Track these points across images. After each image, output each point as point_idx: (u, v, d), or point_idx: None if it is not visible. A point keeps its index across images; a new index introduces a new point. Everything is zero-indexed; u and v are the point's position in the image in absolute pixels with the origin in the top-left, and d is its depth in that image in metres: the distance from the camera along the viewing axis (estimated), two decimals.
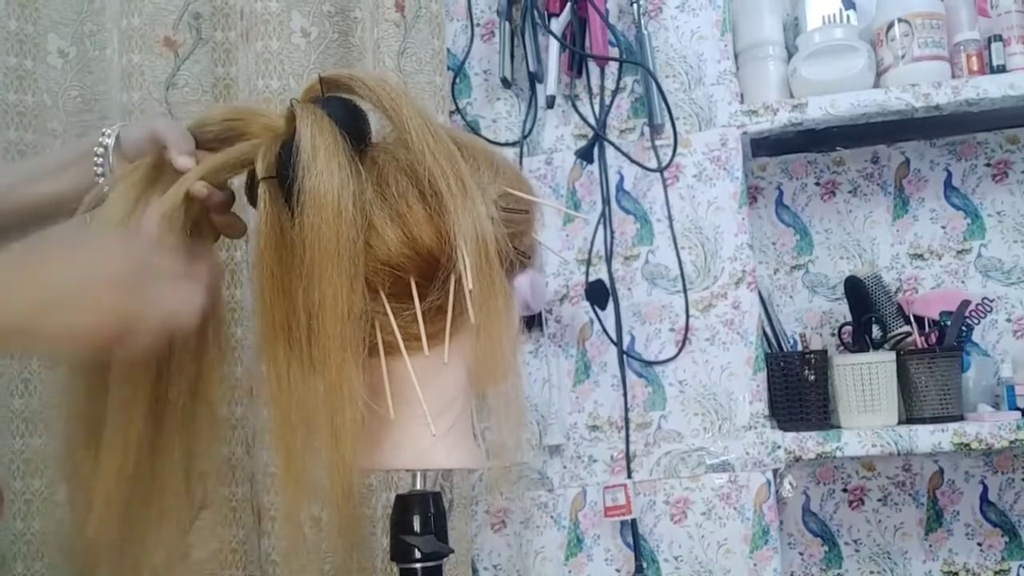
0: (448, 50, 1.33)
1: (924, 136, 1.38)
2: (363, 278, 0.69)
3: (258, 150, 0.72)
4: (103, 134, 0.80)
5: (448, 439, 0.74)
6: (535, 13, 1.27)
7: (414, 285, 0.71)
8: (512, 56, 1.30)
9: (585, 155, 1.28)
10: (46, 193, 0.81)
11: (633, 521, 1.22)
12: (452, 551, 0.77)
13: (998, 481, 1.33)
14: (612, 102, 1.29)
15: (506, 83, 1.30)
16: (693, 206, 1.27)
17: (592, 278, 1.26)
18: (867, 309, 1.26)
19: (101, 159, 0.79)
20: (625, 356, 1.25)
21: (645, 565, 1.22)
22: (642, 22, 1.28)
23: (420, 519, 0.74)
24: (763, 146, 1.37)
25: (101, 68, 1.32)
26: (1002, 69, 1.24)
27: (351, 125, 0.71)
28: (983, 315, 1.28)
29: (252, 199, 0.74)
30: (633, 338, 1.26)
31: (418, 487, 0.76)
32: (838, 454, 1.18)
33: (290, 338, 0.69)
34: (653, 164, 1.26)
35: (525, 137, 1.30)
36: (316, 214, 0.66)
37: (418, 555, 0.73)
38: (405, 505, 0.75)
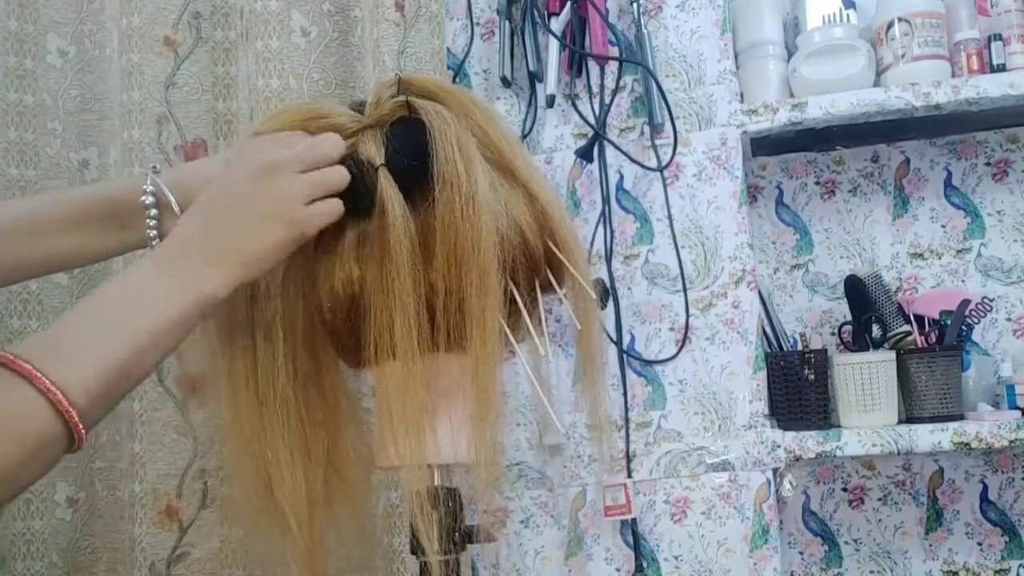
0: (448, 49, 1.33)
1: (924, 135, 1.38)
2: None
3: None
4: (144, 192, 0.77)
5: (464, 434, 0.75)
6: (535, 12, 1.26)
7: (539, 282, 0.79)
8: (512, 55, 1.30)
9: (585, 154, 1.28)
10: (68, 252, 0.79)
11: (633, 520, 1.22)
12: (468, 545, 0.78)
13: (998, 480, 1.33)
14: (612, 101, 1.29)
15: (506, 82, 1.30)
16: (693, 205, 1.27)
17: (592, 277, 1.26)
18: (867, 308, 1.26)
19: (154, 221, 0.77)
20: (625, 355, 1.25)
21: (645, 564, 1.22)
22: (642, 21, 1.28)
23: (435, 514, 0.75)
24: (763, 145, 1.37)
25: (101, 68, 1.32)
26: (1002, 68, 1.24)
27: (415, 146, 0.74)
28: (983, 314, 1.27)
29: None
30: (633, 337, 1.26)
31: (436, 483, 0.76)
32: (838, 453, 1.18)
33: (419, 320, 0.72)
34: (653, 163, 1.26)
35: (525, 136, 1.30)
36: (472, 205, 0.71)
37: (427, 550, 0.74)
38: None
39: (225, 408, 0.76)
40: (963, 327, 1.25)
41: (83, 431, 0.57)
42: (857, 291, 1.27)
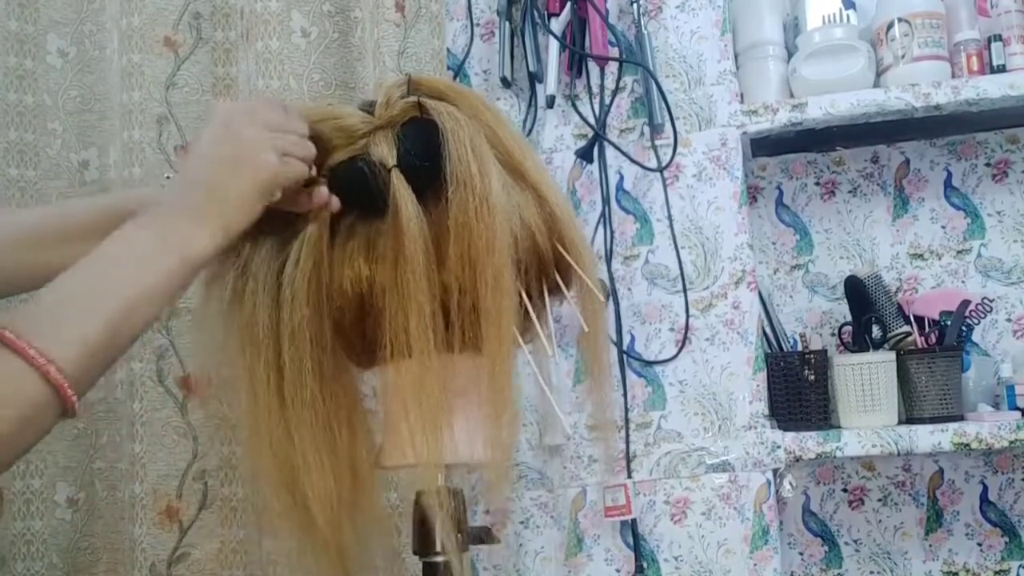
0: (448, 50, 1.33)
1: (924, 136, 1.38)
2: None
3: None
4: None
5: (480, 433, 0.75)
6: (535, 13, 1.26)
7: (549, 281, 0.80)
8: (512, 56, 1.30)
9: (585, 155, 1.28)
10: (73, 263, 0.79)
11: (633, 521, 1.22)
12: (469, 546, 0.78)
13: (998, 481, 1.33)
14: (612, 102, 1.29)
15: (506, 83, 1.30)
16: (693, 206, 1.27)
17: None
18: (867, 309, 1.26)
19: None
20: (625, 356, 1.25)
21: (645, 565, 1.22)
22: (642, 22, 1.28)
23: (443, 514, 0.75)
24: (763, 146, 1.37)
25: (101, 68, 1.31)
26: (1002, 69, 1.24)
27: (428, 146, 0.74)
28: (983, 315, 1.28)
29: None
30: (633, 338, 1.26)
31: (441, 483, 0.77)
32: (838, 454, 1.18)
33: (434, 319, 0.72)
34: (653, 164, 1.26)
35: (525, 137, 1.30)
36: (486, 205, 0.71)
37: (439, 548, 0.74)
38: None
39: (246, 413, 0.76)
40: (963, 328, 1.25)
41: (74, 398, 0.56)
42: (857, 292, 1.27)
